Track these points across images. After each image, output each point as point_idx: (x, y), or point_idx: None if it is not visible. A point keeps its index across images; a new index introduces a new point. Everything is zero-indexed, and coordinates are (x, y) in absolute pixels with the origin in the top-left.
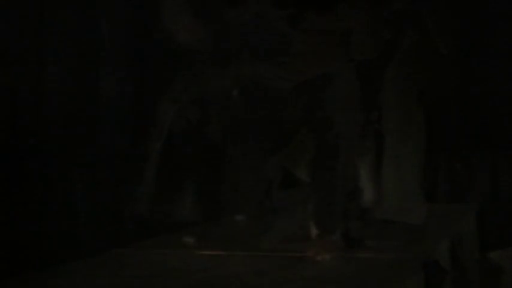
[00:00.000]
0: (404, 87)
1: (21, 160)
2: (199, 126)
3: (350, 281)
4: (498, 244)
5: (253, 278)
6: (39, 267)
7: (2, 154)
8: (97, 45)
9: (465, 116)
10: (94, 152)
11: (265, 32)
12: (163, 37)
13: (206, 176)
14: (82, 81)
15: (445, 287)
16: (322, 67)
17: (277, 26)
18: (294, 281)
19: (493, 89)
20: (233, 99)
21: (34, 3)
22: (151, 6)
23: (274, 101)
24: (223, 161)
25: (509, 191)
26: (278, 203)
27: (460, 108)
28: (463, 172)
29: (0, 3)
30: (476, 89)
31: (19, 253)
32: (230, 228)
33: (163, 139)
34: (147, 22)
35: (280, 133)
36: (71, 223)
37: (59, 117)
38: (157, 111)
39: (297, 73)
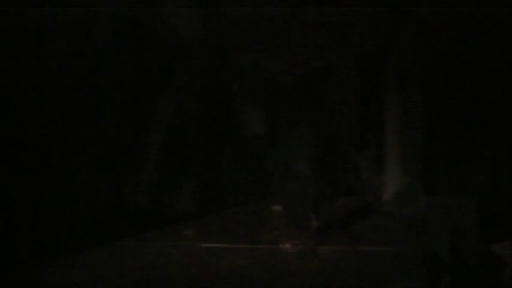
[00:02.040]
0: (404, 80)
1: (22, 153)
2: (200, 118)
3: (351, 274)
4: (499, 236)
5: (254, 270)
6: (41, 260)
7: (5, 148)
8: (96, 39)
9: (465, 108)
10: (94, 144)
11: (266, 25)
12: (164, 29)
13: (207, 168)
14: (82, 75)
15: (445, 280)
16: (323, 59)
17: (277, 18)
18: (295, 274)
19: (494, 82)
20: (233, 90)
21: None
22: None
23: (274, 93)
24: (224, 153)
25: (509, 183)
26: (279, 195)
27: (461, 100)
28: (463, 164)
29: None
30: (477, 81)
31: (22, 246)
32: (231, 220)
33: (164, 131)
34: (148, 14)
35: (282, 126)
36: (72, 216)
37: (60, 109)
38: (157, 103)
39: (297, 66)
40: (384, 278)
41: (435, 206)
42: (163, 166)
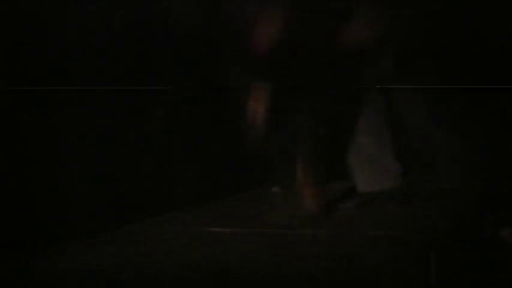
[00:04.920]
0: (404, 68)
1: (28, 147)
2: (200, 104)
3: (359, 258)
4: (499, 224)
5: (262, 255)
6: (50, 244)
7: (13, 136)
8: (97, 34)
9: (465, 97)
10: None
11: (265, 13)
12: (166, 21)
13: (214, 154)
14: (83, 70)
15: (446, 266)
16: (322, 48)
17: (276, 5)
18: (303, 259)
19: (495, 71)
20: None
21: None
22: None
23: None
24: (228, 139)
25: (510, 170)
26: (281, 181)
27: (460, 89)
28: (463, 151)
29: None
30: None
31: (32, 230)
32: (238, 205)
33: (165, 116)
34: (152, 6)
35: (282, 117)
36: (77, 200)
37: (61, 104)
38: (159, 96)
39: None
40: (391, 263)
41: (435, 193)
42: (165, 153)
